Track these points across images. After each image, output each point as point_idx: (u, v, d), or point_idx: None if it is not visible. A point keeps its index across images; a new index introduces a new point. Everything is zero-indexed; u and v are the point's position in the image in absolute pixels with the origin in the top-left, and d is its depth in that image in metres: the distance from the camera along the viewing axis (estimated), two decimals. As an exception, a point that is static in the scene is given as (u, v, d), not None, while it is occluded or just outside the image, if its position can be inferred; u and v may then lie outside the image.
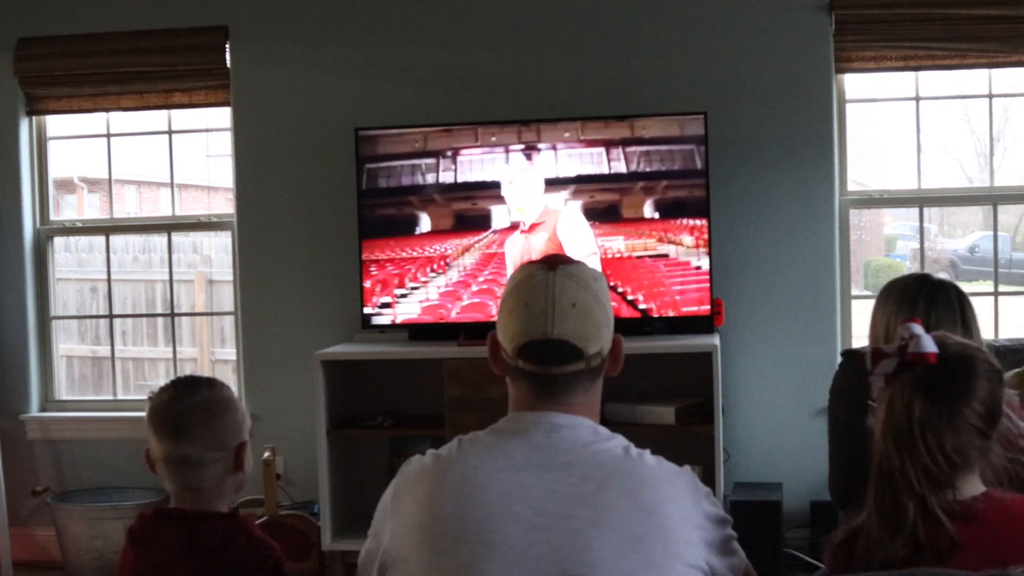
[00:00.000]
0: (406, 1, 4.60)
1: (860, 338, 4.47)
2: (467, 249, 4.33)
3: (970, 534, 1.61)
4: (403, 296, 4.37)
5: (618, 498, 1.59)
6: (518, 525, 1.58)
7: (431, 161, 4.35)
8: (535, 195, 4.29)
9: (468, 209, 4.34)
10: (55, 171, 5.07)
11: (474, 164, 4.32)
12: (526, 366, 1.69)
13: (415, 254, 4.36)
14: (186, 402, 1.97)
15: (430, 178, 4.35)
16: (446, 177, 4.34)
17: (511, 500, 1.60)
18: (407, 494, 1.68)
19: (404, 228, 4.37)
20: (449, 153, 4.34)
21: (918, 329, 1.69)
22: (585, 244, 4.26)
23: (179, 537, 1.93)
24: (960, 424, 1.64)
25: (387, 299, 4.37)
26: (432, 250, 4.35)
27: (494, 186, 4.31)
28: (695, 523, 1.62)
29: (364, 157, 4.36)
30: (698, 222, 4.20)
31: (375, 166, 4.37)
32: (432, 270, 4.36)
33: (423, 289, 4.36)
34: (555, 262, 1.72)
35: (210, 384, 2.01)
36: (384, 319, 4.39)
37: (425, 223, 4.36)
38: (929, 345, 1.66)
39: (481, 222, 4.33)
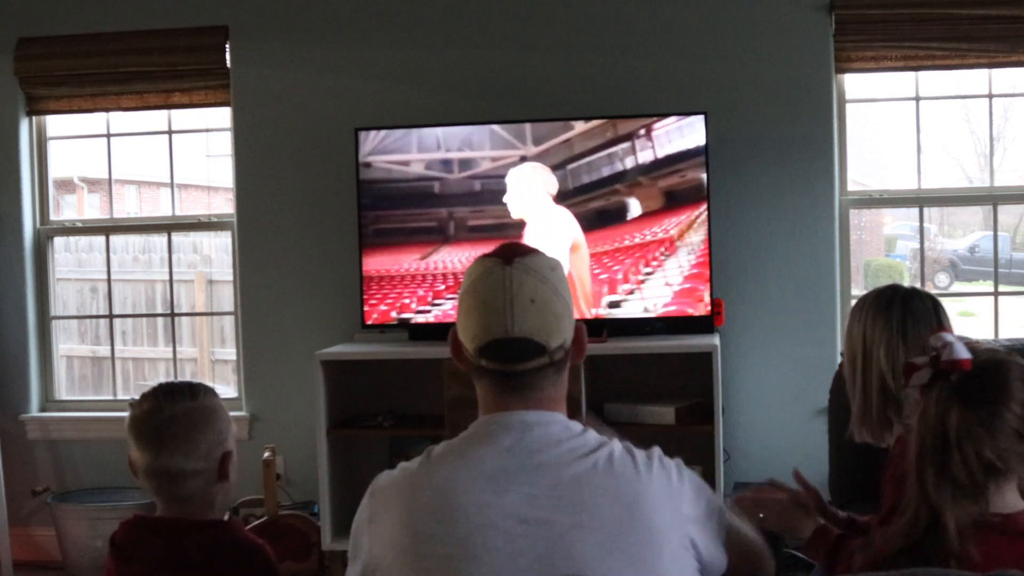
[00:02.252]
0: (406, 1, 4.60)
1: (860, 338, 4.47)
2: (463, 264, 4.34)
3: (1009, 549, 1.60)
4: (402, 304, 4.37)
5: (596, 496, 1.58)
6: (500, 536, 1.56)
7: (431, 162, 4.35)
8: (535, 201, 4.27)
9: (468, 213, 4.34)
10: (55, 171, 5.07)
11: (474, 165, 4.32)
12: (489, 365, 1.66)
13: (414, 266, 4.36)
14: (166, 413, 1.92)
15: (430, 179, 4.35)
16: (446, 178, 4.34)
17: (490, 511, 1.57)
18: (382, 513, 1.65)
19: (404, 231, 4.37)
20: (449, 153, 4.34)
21: (950, 337, 1.67)
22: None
23: (162, 550, 1.89)
24: (1000, 428, 1.63)
25: (386, 308, 4.37)
26: (432, 262, 4.35)
27: (492, 187, 4.31)
28: (672, 506, 1.62)
29: (364, 157, 4.36)
30: (698, 222, 4.19)
31: (375, 166, 4.36)
32: (432, 278, 4.35)
33: (422, 293, 4.36)
34: (510, 255, 1.68)
35: (192, 392, 1.95)
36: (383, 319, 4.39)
37: (424, 225, 4.36)
38: (962, 352, 1.65)
39: (481, 226, 4.33)
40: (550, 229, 4.26)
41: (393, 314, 4.36)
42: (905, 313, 2.39)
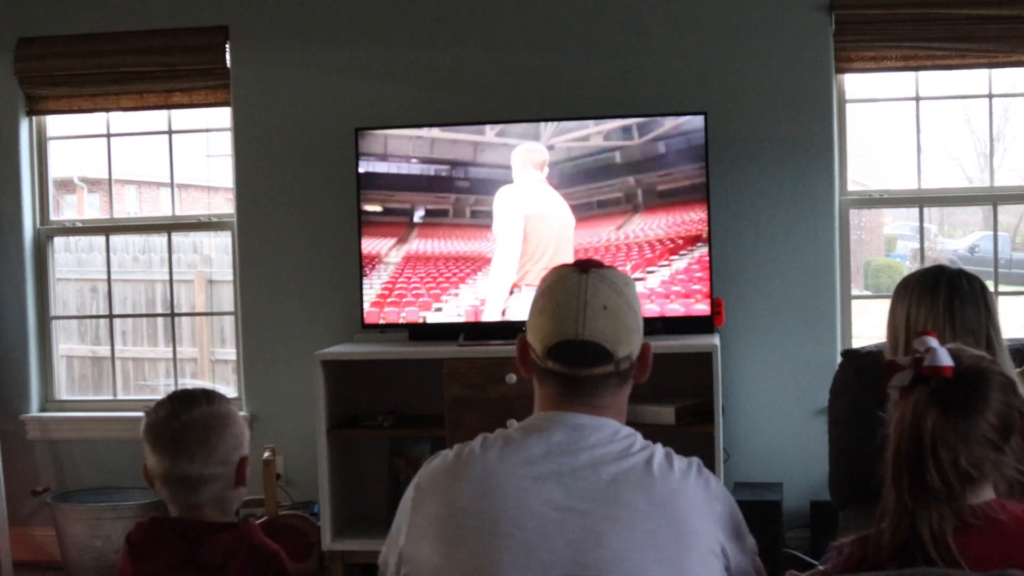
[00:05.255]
0: (406, 1, 4.60)
1: (860, 338, 4.48)
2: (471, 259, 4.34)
3: (982, 540, 1.61)
4: (403, 302, 4.37)
5: (632, 494, 1.62)
6: (533, 519, 1.60)
7: (431, 161, 4.35)
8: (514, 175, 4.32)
9: (467, 211, 4.34)
10: (55, 171, 5.07)
11: (474, 165, 4.32)
12: (555, 367, 1.71)
13: (413, 252, 4.36)
14: (184, 418, 1.92)
15: (430, 178, 4.35)
16: (446, 177, 4.34)
17: (527, 495, 1.62)
18: (428, 488, 1.71)
19: (403, 229, 4.37)
20: (449, 153, 4.34)
21: (934, 343, 1.67)
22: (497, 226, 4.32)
23: (180, 550, 1.90)
24: (974, 438, 1.63)
25: (389, 309, 4.37)
26: (430, 251, 4.35)
27: (493, 187, 4.31)
28: (707, 511, 1.66)
29: (364, 157, 4.36)
30: (698, 222, 4.19)
31: (375, 166, 4.37)
32: (433, 275, 4.35)
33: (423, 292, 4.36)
34: (587, 265, 1.75)
35: (208, 398, 1.96)
36: (384, 319, 4.39)
37: (423, 224, 4.37)
38: (945, 359, 1.65)
39: (481, 225, 4.33)
40: (499, 203, 4.31)
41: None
42: (952, 294, 2.32)
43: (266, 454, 4.22)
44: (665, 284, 4.21)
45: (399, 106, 4.56)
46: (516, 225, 4.29)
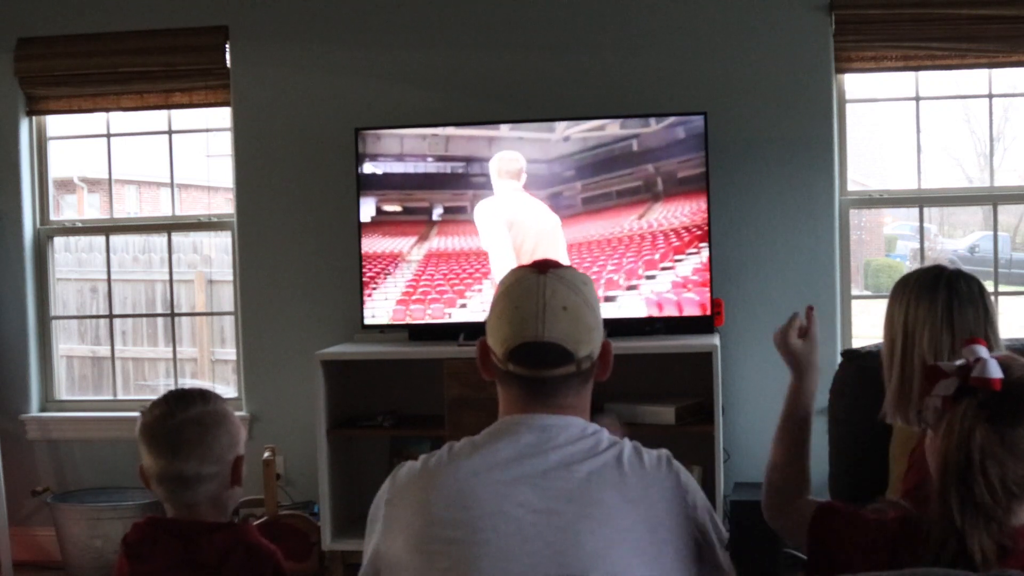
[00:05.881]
0: (406, 1, 4.60)
1: (860, 338, 4.47)
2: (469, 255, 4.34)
3: (1019, 563, 1.55)
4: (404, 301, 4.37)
5: (605, 491, 1.62)
6: (510, 523, 1.60)
7: (431, 161, 4.35)
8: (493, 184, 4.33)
9: (467, 210, 4.34)
10: (55, 171, 5.07)
11: (474, 165, 4.32)
12: (517, 369, 1.70)
13: (413, 256, 4.36)
14: (179, 417, 1.93)
15: (430, 178, 4.35)
16: (446, 177, 4.34)
17: (502, 499, 1.61)
18: (399, 501, 1.70)
19: (403, 228, 4.37)
20: (449, 153, 4.34)
21: (983, 352, 1.59)
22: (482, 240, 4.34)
23: (177, 551, 1.90)
24: (1021, 453, 1.55)
25: (387, 308, 4.37)
26: (430, 248, 4.36)
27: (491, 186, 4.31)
28: (680, 504, 1.66)
29: (364, 157, 4.36)
30: (698, 222, 4.19)
31: (375, 166, 4.37)
32: (432, 275, 4.35)
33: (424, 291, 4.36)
34: (545, 266, 1.74)
35: (203, 397, 1.97)
36: (384, 319, 4.39)
37: (425, 223, 4.37)
38: (995, 371, 1.57)
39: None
40: (480, 218, 4.33)
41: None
42: (951, 295, 2.27)
43: (266, 454, 4.23)
44: (665, 284, 4.20)
45: (400, 106, 4.56)
46: (502, 233, 4.28)
